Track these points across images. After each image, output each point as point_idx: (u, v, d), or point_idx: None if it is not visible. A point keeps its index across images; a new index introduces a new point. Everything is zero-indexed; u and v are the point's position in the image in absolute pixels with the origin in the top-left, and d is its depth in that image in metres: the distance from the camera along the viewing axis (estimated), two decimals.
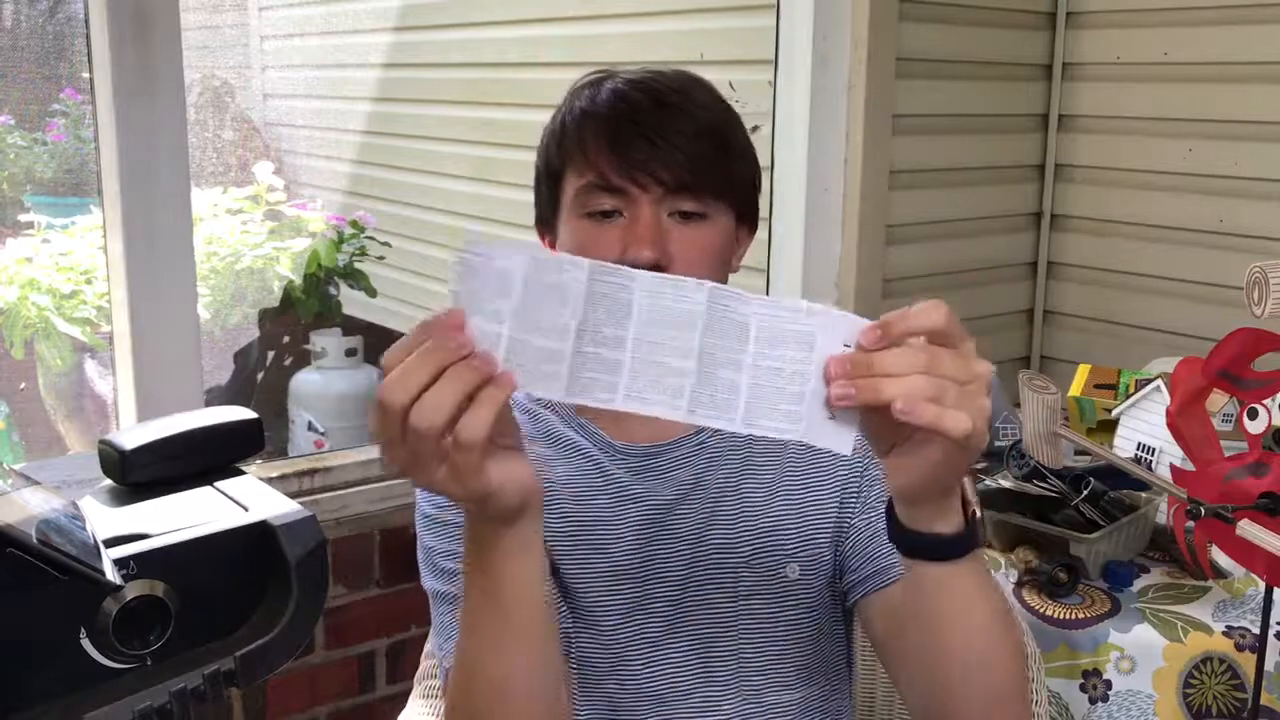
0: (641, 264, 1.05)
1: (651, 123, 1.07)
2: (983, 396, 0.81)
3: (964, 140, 2.63)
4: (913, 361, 0.79)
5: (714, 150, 1.09)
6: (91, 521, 0.83)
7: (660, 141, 1.07)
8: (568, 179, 1.11)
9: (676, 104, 1.10)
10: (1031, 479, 1.83)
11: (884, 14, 2.39)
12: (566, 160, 1.11)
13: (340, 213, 4.41)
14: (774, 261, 2.51)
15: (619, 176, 1.07)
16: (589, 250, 1.08)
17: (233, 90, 4.95)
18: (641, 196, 1.07)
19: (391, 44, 4.61)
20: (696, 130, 1.09)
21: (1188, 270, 2.57)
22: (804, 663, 1.16)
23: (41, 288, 3.32)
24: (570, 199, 1.11)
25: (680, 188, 1.08)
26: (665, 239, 1.07)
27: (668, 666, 1.13)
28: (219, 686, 0.83)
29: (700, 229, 1.10)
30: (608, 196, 1.08)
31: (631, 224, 1.07)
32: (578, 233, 1.10)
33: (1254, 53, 2.42)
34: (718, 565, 1.13)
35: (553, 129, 1.14)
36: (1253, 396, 1.25)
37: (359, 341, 4.23)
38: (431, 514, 1.17)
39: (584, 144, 1.09)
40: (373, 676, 2.04)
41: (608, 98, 1.10)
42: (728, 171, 1.11)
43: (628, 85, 1.11)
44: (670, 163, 1.07)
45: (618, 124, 1.08)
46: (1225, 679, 1.60)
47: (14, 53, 3.41)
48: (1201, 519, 1.23)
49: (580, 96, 1.13)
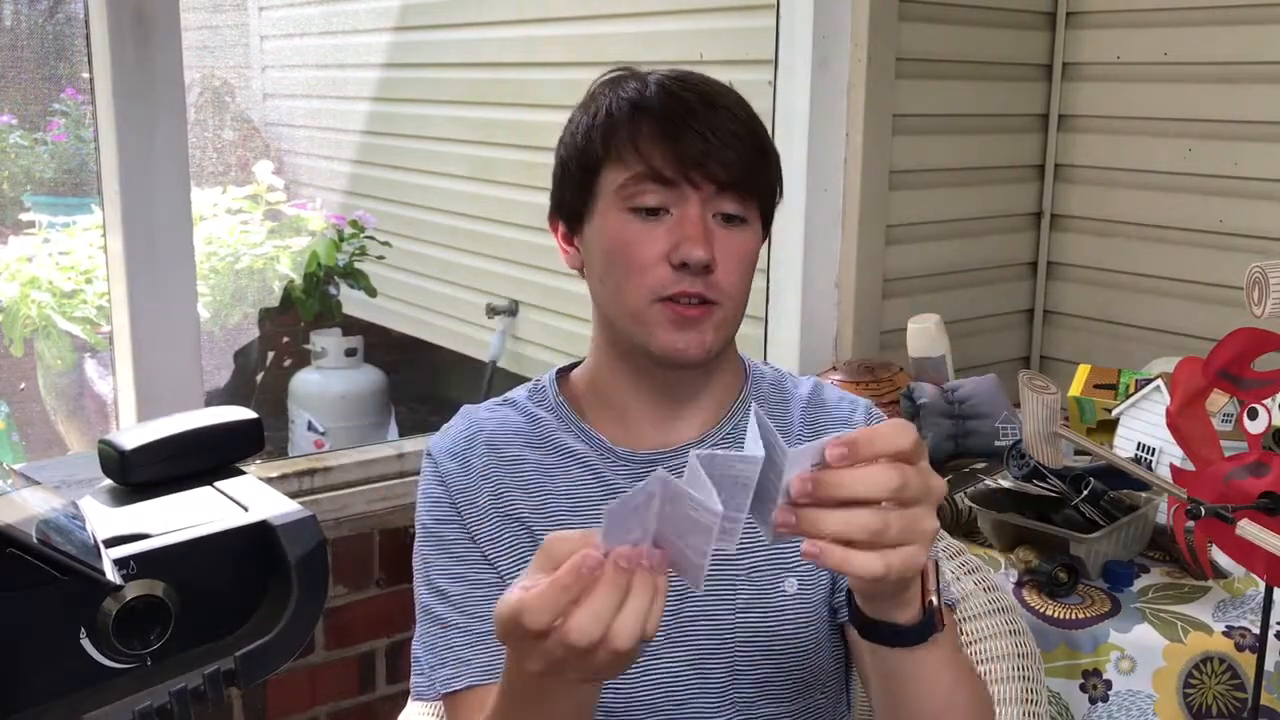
0: (693, 263, 1.05)
1: (707, 121, 1.06)
2: (930, 519, 0.78)
3: (964, 140, 2.63)
4: (885, 483, 0.75)
5: (759, 155, 1.10)
6: (91, 521, 0.83)
7: (714, 140, 1.06)
8: (609, 171, 1.09)
9: (727, 106, 1.09)
10: (1031, 479, 1.83)
11: (884, 14, 2.39)
12: (612, 151, 1.08)
13: (340, 213, 4.41)
14: (774, 261, 2.51)
15: (673, 170, 1.06)
16: (636, 246, 1.07)
17: (233, 90, 4.95)
18: (692, 194, 1.06)
19: (391, 44, 4.61)
20: (745, 133, 1.08)
21: (1188, 270, 2.57)
22: (799, 676, 1.15)
23: (42, 287, 3.32)
24: (612, 191, 1.09)
25: (730, 186, 1.07)
26: (712, 240, 1.07)
27: (662, 677, 1.12)
28: (219, 686, 0.83)
29: (741, 234, 1.10)
30: (657, 190, 1.06)
31: (680, 222, 1.06)
32: (622, 228, 1.08)
33: (1254, 53, 2.42)
34: (715, 577, 1.12)
35: (591, 120, 1.11)
36: (1253, 396, 1.25)
37: (359, 341, 4.24)
38: (430, 526, 1.16)
39: (636, 135, 1.07)
40: (373, 676, 2.04)
41: (657, 93, 1.09)
42: (768, 175, 1.12)
43: (674, 84, 1.10)
44: (724, 161, 1.06)
45: (673, 119, 1.06)
46: (1225, 679, 1.60)
47: (14, 53, 3.41)
48: (1201, 519, 1.23)
49: (622, 89, 1.11)
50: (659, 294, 1.07)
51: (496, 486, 1.15)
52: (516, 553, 1.13)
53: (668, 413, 1.16)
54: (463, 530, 1.14)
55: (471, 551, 1.13)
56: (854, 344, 2.50)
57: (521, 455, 1.16)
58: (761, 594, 1.13)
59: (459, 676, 1.10)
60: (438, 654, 1.12)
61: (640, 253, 1.07)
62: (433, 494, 1.17)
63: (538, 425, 1.18)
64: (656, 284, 1.07)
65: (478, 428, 1.18)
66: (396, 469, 2.00)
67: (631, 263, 1.07)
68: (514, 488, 1.15)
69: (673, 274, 1.06)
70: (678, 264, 1.06)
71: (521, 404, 1.20)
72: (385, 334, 4.71)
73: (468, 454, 1.16)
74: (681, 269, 1.06)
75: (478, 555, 1.13)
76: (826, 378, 2.29)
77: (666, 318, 1.07)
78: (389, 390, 4.32)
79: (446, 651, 1.11)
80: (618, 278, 1.09)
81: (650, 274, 1.07)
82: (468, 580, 1.13)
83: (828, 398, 1.23)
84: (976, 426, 2.17)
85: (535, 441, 1.17)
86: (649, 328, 1.08)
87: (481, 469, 1.15)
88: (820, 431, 1.18)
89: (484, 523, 1.14)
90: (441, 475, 1.16)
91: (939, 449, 2.14)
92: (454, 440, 1.18)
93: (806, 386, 1.24)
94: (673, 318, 1.07)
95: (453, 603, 1.12)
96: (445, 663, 1.11)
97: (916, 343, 2.40)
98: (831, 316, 2.51)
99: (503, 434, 1.17)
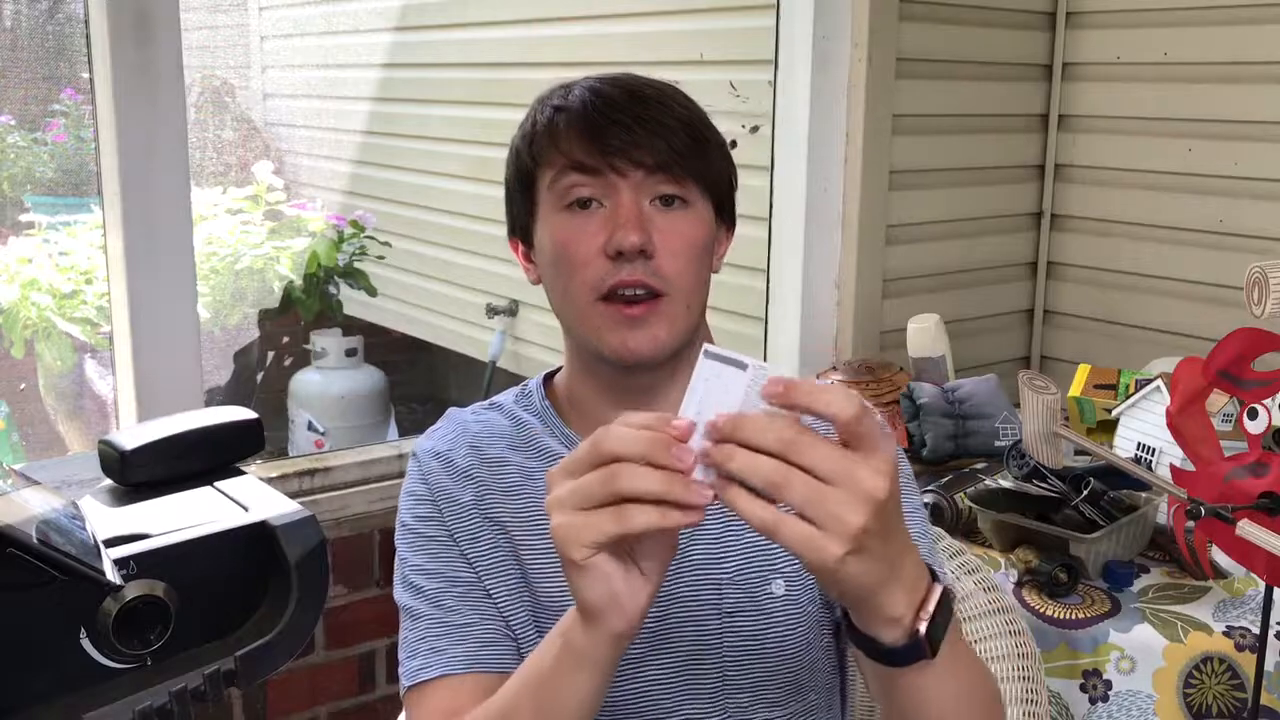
0: (627, 249, 1.03)
1: (628, 111, 1.05)
2: (852, 513, 0.75)
3: (964, 140, 2.63)
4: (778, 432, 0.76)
5: (692, 139, 1.08)
6: (91, 521, 0.83)
7: (638, 128, 1.05)
8: (541, 176, 1.09)
9: (653, 96, 1.08)
10: (1031, 479, 1.83)
11: (884, 14, 2.39)
12: (539, 158, 1.08)
13: (340, 213, 4.41)
14: (774, 261, 2.51)
15: (595, 159, 1.05)
16: (573, 242, 1.06)
17: (233, 90, 4.95)
18: (620, 182, 1.05)
19: (391, 44, 4.61)
20: (674, 120, 1.07)
21: (1188, 270, 2.57)
22: (790, 679, 1.14)
23: (42, 287, 3.32)
24: (545, 194, 1.09)
25: (660, 168, 1.05)
26: (649, 226, 1.05)
27: (651, 683, 1.11)
28: (219, 686, 0.83)
29: (683, 216, 1.07)
30: (585, 180, 1.05)
31: (614, 211, 1.05)
32: (558, 228, 1.07)
33: (1254, 53, 2.42)
34: (701, 581, 1.11)
35: (522, 135, 1.12)
36: (1253, 396, 1.25)
37: (359, 341, 4.24)
38: (410, 524, 1.15)
39: (555, 136, 1.07)
40: (373, 676, 2.04)
41: (580, 94, 1.08)
42: (706, 159, 1.09)
43: (601, 83, 1.09)
44: (650, 147, 1.05)
45: (592, 114, 1.06)
46: (1225, 679, 1.60)
47: (14, 53, 3.41)
48: (1201, 519, 1.23)
49: (549, 99, 1.11)
50: (600, 290, 1.05)
51: (479, 487, 1.14)
52: (495, 554, 1.13)
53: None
54: (442, 527, 1.14)
55: (450, 549, 1.13)
56: (854, 344, 2.50)
57: (505, 458, 1.16)
58: (748, 596, 1.12)
59: (429, 667, 1.09)
60: (409, 647, 1.11)
61: (577, 249, 1.06)
62: (415, 492, 1.16)
63: (523, 429, 1.17)
64: (595, 279, 1.05)
65: (463, 430, 1.18)
66: (396, 469, 2.00)
67: (572, 260, 1.06)
68: (496, 490, 1.14)
69: (610, 265, 1.05)
70: (613, 253, 1.04)
71: (508, 408, 1.20)
72: (385, 334, 4.71)
73: (451, 454, 1.16)
74: (618, 258, 1.04)
75: (456, 553, 1.13)
76: (826, 378, 2.30)
77: (613, 319, 1.06)
78: (389, 390, 4.32)
79: (419, 643, 1.10)
80: (563, 279, 1.08)
81: (590, 269, 1.05)
82: (444, 576, 1.12)
83: None
84: (976, 426, 2.17)
85: (519, 445, 1.16)
86: (597, 330, 1.07)
87: (464, 469, 1.15)
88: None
89: (465, 522, 1.14)
90: (424, 474, 1.16)
91: (939, 449, 2.14)
92: (438, 441, 1.18)
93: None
94: (619, 318, 1.06)
95: (428, 597, 1.11)
96: (416, 654, 1.10)
97: (916, 343, 2.40)
98: (831, 316, 2.52)
99: (487, 437, 1.17)
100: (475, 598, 1.11)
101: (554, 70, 1.16)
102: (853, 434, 0.78)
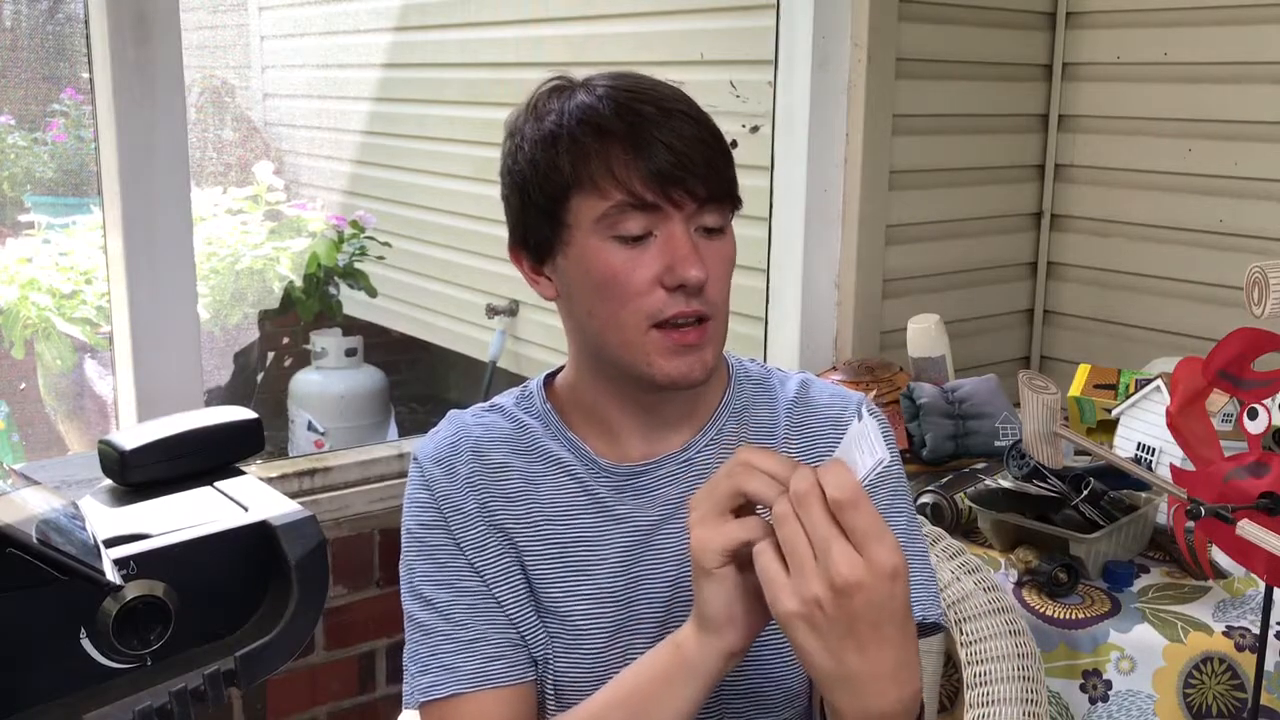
0: (691, 283, 1.03)
1: (668, 130, 1.03)
2: (812, 578, 0.83)
3: (964, 140, 2.63)
4: (799, 482, 0.86)
5: (721, 157, 1.07)
6: (91, 521, 0.83)
7: (684, 154, 1.03)
8: (582, 199, 1.05)
9: (681, 111, 1.06)
10: (1031, 479, 1.83)
11: (884, 14, 2.39)
12: (585, 180, 1.04)
13: (340, 213, 4.41)
14: (774, 261, 2.51)
15: (654, 194, 1.03)
16: (625, 272, 1.05)
17: (233, 90, 4.95)
18: (675, 214, 1.04)
19: (391, 44, 4.61)
20: (704, 137, 1.06)
21: (1188, 270, 2.57)
22: (788, 685, 1.14)
23: (41, 287, 3.32)
24: (590, 220, 1.05)
25: (711, 199, 1.05)
26: (701, 256, 1.05)
27: None
28: (219, 686, 0.83)
29: (722, 243, 1.08)
30: (641, 216, 1.04)
31: (668, 243, 1.04)
32: (608, 256, 1.05)
33: (1254, 53, 2.42)
34: None
35: (547, 142, 1.06)
36: (1253, 396, 1.25)
37: (359, 341, 4.24)
38: (415, 532, 1.15)
39: (609, 160, 1.03)
40: (373, 676, 2.04)
41: (611, 107, 1.05)
42: (733, 177, 1.09)
43: (624, 95, 1.06)
44: (700, 176, 1.04)
45: (639, 135, 1.03)
46: (1225, 679, 1.60)
47: (14, 53, 3.41)
48: (1201, 519, 1.23)
49: (571, 105, 1.06)
50: (656, 319, 1.05)
51: (482, 494, 1.14)
52: (501, 561, 1.13)
53: (658, 428, 1.15)
54: (448, 536, 1.13)
55: (457, 558, 1.12)
56: (854, 344, 2.50)
57: (507, 462, 1.15)
58: None
59: (441, 684, 1.09)
60: (420, 661, 1.11)
61: (631, 280, 1.05)
62: (419, 499, 1.16)
63: (524, 432, 1.17)
64: (653, 310, 1.05)
65: (464, 433, 1.17)
66: (396, 469, 2.00)
67: (625, 291, 1.05)
68: (499, 495, 1.14)
69: (668, 296, 1.05)
70: (673, 286, 1.04)
71: (509, 410, 1.19)
72: (385, 334, 4.71)
73: (453, 460, 1.15)
74: (677, 290, 1.04)
75: (463, 562, 1.12)
76: (826, 378, 2.30)
77: (666, 346, 1.06)
78: (389, 390, 4.32)
79: (430, 659, 1.10)
80: (611, 308, 1.06)
81: (646, 300, 1.05)
82: (454, 587, 1.12)
83: (815, 396, 1.20)
84: (976, 426, 2.17)
85: (521, 448, 1.16)
86: (648, 356, 1.06)
87: (467, 475, 1.14)
88: (807, 431, 1.17)
89: (469, 529, 1.13)
90: (428, 481, 1.15)
91: (939, 449, 2.14)
92: (440, 446, 1.17)
93: (794, 384, 1.21)
94: (672, 346, 1.06)
95: (438, 609, 1.11)
96: (428, 670, 1.10)
97: (916, 343, 2.40)
98: (831, 316, 2.52)
99: (489, 440, 1.16)
100: (485, 608, 1.11)
101: (554, 70, 1.14)
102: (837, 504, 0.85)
